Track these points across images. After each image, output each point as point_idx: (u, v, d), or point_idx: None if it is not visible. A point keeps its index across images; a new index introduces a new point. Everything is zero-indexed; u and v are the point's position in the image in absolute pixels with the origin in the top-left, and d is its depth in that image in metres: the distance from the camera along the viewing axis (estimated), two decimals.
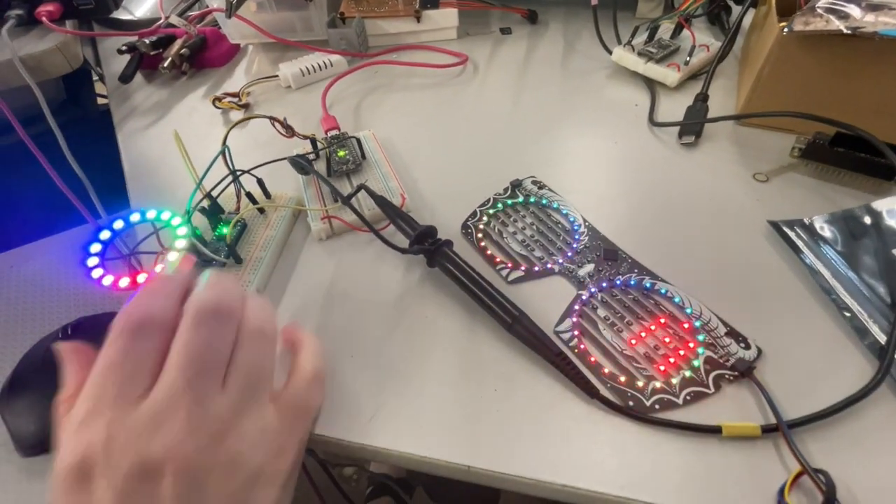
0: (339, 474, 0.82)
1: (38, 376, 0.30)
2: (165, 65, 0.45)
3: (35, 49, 0.40)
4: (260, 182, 0.31)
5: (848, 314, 0.24)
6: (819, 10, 0.30)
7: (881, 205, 0.28)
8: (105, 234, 0.26)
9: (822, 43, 0.30)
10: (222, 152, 0.28)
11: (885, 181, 0.30)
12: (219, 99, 0.42)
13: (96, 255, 0.26)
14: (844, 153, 0.30)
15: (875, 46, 0.29)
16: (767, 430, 0.20)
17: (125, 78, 0.45)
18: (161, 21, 0.48)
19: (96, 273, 0.25)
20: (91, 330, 0.32)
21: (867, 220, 0.28)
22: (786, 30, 0.30)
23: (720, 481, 0.19)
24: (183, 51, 0.46)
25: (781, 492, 0.18)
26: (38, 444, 0.28)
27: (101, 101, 0.60)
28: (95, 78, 0.59)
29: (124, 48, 0.45)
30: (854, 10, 0.29)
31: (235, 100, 0.42)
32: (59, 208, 0.39)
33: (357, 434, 0.22)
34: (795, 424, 0.20)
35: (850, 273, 0.25)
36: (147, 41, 0.45)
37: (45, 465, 0.29)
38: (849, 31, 0.28)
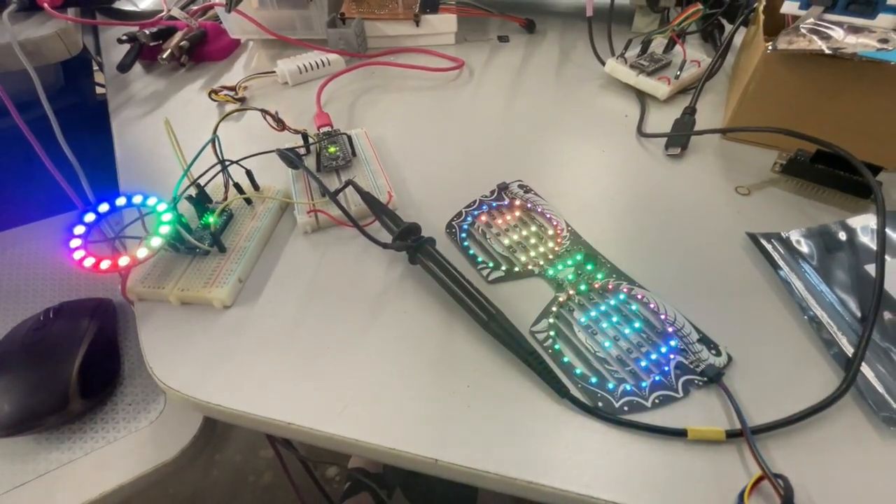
0: (321, 475, 0.82)
1: (16, 359, 0.30)
2: (164, 56, 0.45)
3: (35, 34, 0.40)
4: (249, 173, 0.31)
5: (818, 326, 0.24)
6: (803, 31, 0.31)
7: (856, 222, 0.28)
8: (90, 217, 0.26)
9: (804, 62, 0.31)
10: (212, 140, 0.28)
11: (861, 199, 0.30)
12: (215, 92, 0.42)
13: (80, 236, 0.26)
14: (824, 170, 0.31)
15: (855, 67, 0.29)
16: (732, 434, 0.20)
17: (123, 67, 0.46)
18: (163, 13, 0.48)
19: (78, 254, 0.25)
20: (71, 314, 0.32)
21: (842, 235, 0.28)
22: (770, 48, 0.31)
23: (683, 483, 0.20)
24: (183, 43, 0.46)
25: (742, 495, 0.19)
26: (11, 425, 0.28)
27: (99, 90, 0.60)
28: (95, 67, 0.59)
29: (124, 38, 0.46)
30: (836, 32, 0.30)
31: (232, 93, 0.43)
32: (50, 194, 0.40)
33: (329, 424, 0.22)
34: (760, 430, 0.21)
35: (822, 287, 0.26)
36: (148, 32, 0.46)
37: (18, 445, 0.29)
38: (830, 52, 0.29)
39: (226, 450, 0.90)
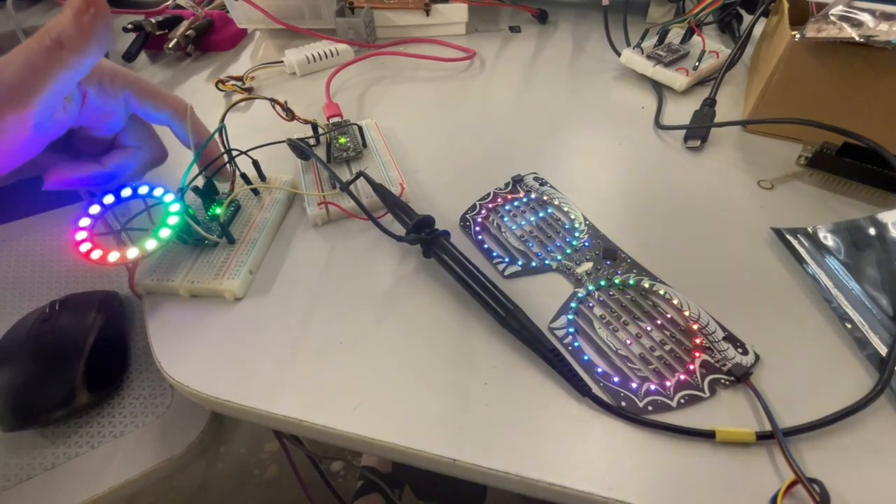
0: (326, 469, 0.82)
1: (21, 352, 0.30)
2: (170, 45, 0.45)
3: (39, 22, 0.40)
4: (255, 163, 0.30)
5: (849, 325, 0.24)
6: (832, 18, 0.29)
7: (887, 217, 0.27)
8: (95, 209, 0.26)
9: (833, 51, 0.30)
10: (219, 130, 0.27)
11: (891, 193, 0.29)
12: (222, 82, 0.42)
13: (85, 228, 0.25)
14: (851, 163, 0.30)
15: (888, 56, 0.28)
16: (762, 436, 0.20)
17: (129, 56, 0.45)
18: (169, 2, 0.47)
19: (84, 247, 0.25)
20: (78, 307, 0.32)
21: (872, 231, 0.27)
22: (797, 36, 0.30)
23: (711, 486, 0.19)
24: (189, 32, 0.45)
25: (774, 500, 0.18)
26: (17, 419, 0.28)
27: None
28: None
29: (130, 26, 0.45)
30: (867, 19, 0.29)
31: (239, 83, 0.42)
32: None
33: (342, 422, 0.21)
34: (791, 432, 0.20)
35: (852, 284, 0.25)
36: (153, 20, 0.45)
37: (23, 439, 0.29)
38: (861, 40, 0.28)
39: (231, 443, 0.90)
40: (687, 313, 0.24)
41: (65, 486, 0.27)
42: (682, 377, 0.22)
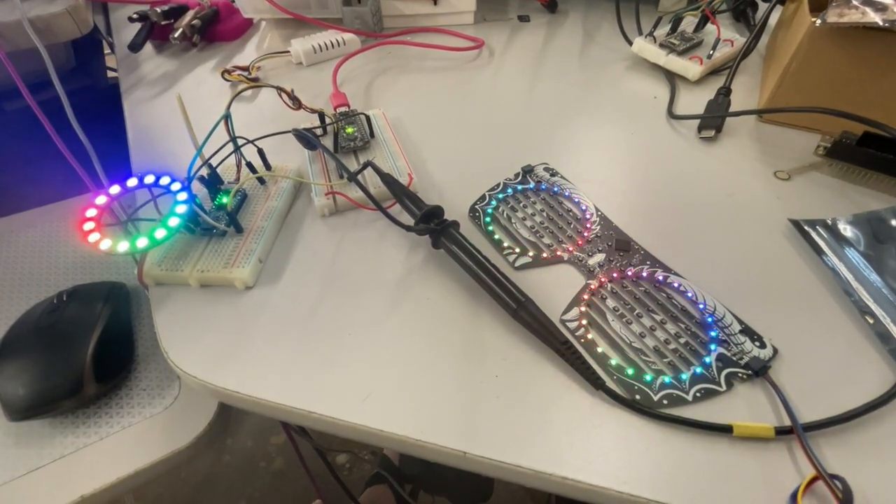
0: (332, 461, 0.82)
1: (29, 342, 0.30)
2: (176, 35, 0.44)
3: (45, 11, 0.39)
4: (260, 152, 0.30)
5: (870, 319, 0.23)
6: (854, 2, 0.29)
7: None
8: (101, 199, 0.25)
9: (854, 37, 0.29)
10: (225, 117, 0.27)
11: None
12: (228, 72, 0.41)
13: (93, 219, 0.25)
14: (872, 153, 0.29)
15: None
16: (781, 431, 0.19)
17: (135, 46, 0.45)
18: None
19: (94, 237, 0.24)
20: (85, 297, 0.32)
21: (894, 222, 0.26)
22: (818, 21, 0.29)
23: (729, 482, 0.18)
24: (194, 22, 0.45)
25: (794, 496, 0.17)
26: (25, 409, 0.28)
27: (111, 74, 0.59)
28: (107, 50, 0.58)
29: (135, 16, 0.45)
30: (891, 2, 0.28)
31: (245, 73, 0.41)
32: (64, 176, 0.39)
33: (351, 413, 0.21)
34: (811, 428, 0.19)
35: (873, 276, 0.24)
36: (159, 10, 0.45)
37: (32, 429, 0.29)
38: (885, 25, 0.27)
39: (237, 435, 0.90)
40: (702, 306, 0.24)
41: (74, 476, 0.27)
42: (698, 370, 0.21)
